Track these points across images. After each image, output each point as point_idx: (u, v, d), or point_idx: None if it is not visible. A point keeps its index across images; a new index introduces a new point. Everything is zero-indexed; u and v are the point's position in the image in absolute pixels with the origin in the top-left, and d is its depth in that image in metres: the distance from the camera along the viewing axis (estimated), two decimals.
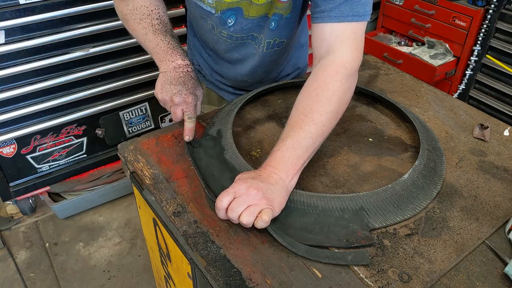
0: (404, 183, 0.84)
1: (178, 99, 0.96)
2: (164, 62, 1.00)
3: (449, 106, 1.17)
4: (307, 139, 0.80)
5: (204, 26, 1.11)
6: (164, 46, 1.01)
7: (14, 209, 2.20)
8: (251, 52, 1.13)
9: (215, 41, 1.12)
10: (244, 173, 0.80)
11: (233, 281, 0.70)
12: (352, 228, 0.77)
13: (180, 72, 0.99)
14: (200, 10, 1.05)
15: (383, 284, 0.70)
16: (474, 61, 2.33)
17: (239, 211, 0.73)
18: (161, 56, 1.01)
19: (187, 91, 0.97)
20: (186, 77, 0.99)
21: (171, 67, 0.99)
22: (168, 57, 1.00)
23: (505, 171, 0.94)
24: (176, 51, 1.01)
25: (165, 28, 1.03)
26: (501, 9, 2.16)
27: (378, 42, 2.61)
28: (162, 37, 1.01)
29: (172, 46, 1.01)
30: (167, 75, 0.99)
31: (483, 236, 0.78)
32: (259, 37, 1.08)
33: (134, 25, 1.04)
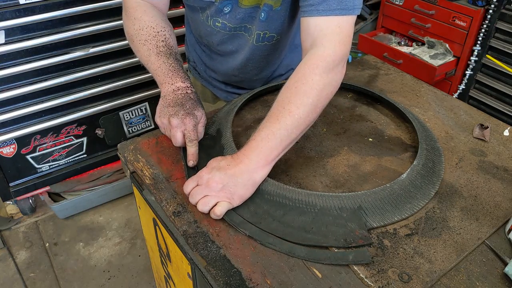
0: (402, 182, 0.84)
1: (175, 121, 0.91)
2: (164, 85, 0.98)
3: (449, 106, 1.17)
4: (282, 131, 0.81)
5: (198, 19, 1.10)
6: (165, 68, 0.98)
7: (14, 209, 2.20)
8: (243, 44, 1.12)
9: (209, 33, 1.12)
10: (215, 159, 0.84)
11: (233, 281, 0.70)
12: (350, 227, 0.77)
13: (179, 94, 0.96)
14: (199, 2, 1.05)
15: (383, 284, 0.70)
16: (474, 61, 2.33)
17: (196, 199, 0.80)
18: (161, 78, 0.98)
19: (184, 112, 0.92)
20: (184, 98, 0.95)
21: (170, 90, 0.97)
22: (167, 79, 0.97)
23: (505, 171, 0.94)
24: (176, 74, 0.99)
25: (169, 51, 1.01)
26: (501, 9, 2.16)
27: (378, 42, 2.61)
28: (165, 59, 0.99)
29: (173, 68, 0.99)
30: (166, 99, 0.96)
31: (483, 236, 0.78)
32: (251, 28, 1.07)
33: (138, 46, 1.02)
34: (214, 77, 1.31)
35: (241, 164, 0.79)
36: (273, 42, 1.11)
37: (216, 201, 0.78)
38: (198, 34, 1.20)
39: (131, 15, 1.03)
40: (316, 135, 1.03)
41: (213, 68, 1.27)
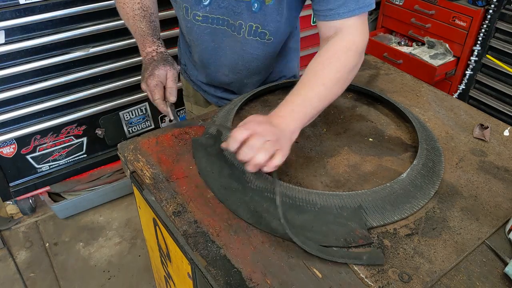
0: (402, 182, 0.84)
1: (142, 85, 1.05)
2: (140, 51, 1.07)
3: (449, 106, 1.17)
4: (315, 99, 0.86)
5: (180, 15, 1.09)
6: (138, 34, 1.07)
7: (14, 209, 2.20)
8: (229, 41, 1.07)
9: (189, 30, 1.09)
10: (254, 116, 0.83)
11: (233, 281, 0.70)
12: (350, 226, 0.77)
13: (147, 60, 1.05)
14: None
15: (383, 284, 0.69)
16: (474, 61, 2.33)
17: (256, 146, 0.74)
18: (138, 44, 1.08)
19: (147, 74, 1.02)
20: (149, 62, 1.04)
21: (143, 55, 1.06)
22: (140, 46, 1.07)
23: (506, 171, 0.94)
24: (145, 39, 1.06)
25: (143, 14, 1.08)
26: (501, 9, 2.16)
27: (378, 42, 2.61)
28: (139, 23, 1.07)
29: (144, 33, 1.06)
30: (143, 64, 1.06)
31: (483, 236, 0.78)
32: (236, 24, 1.03)
33: (119, 8, 1.11)
34: (203, 81, 1.28)
35: (282, 123, 0.81)
36: (265, 41, 1.07)
37: (276, 148, 0.76)
38: (183, 34, 1.19)
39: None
40: (316, 135, 1.03)
41: (203, 70, 1.23)
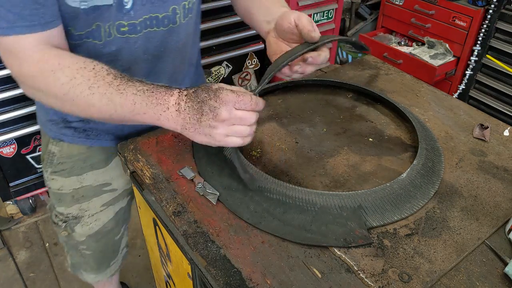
0: (402, 182, 0.84)
1: (224, 113, 0.71)
2: (159, 106, 0.73)
3: (449, 106, 1.17)
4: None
5: (92, 47, 0.84)
6: (143, 92, 0.74)
7: (14, 209, 2.20)
8: (166, 42, 0.91)
9: (118, 52, 0.86)
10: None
11: (233, 281, 0.70)
12: (350, 226, 0.77)
13: (186, 97, 0.73)
14: (90, 16, 0.78)
15: (383, 284, 0.70)
16: (474, 61, 2.33)
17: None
18: (150, 101, 0.73)
19: (214, 95, 0.72)
20: (196, 93, 0.73)
21: (175, 102, 0.73)
22: (158, 97, 0.74)
23: (505, 171, 0.95)
24: (159, 87, 0.75)
25: (123, 75, 0.76)
26: (501, 9, 2.16)
27: (378, 42, 2.61)
28: (132, 86, 0.74)
29: (152, 86, 0.75)
30: (183, 113, 0.73)
31: (483, 236, 0.78)
32: (169, 12, 0.87)
33: (85, 98, 0.73)
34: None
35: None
36: (192, 16, 0.94)
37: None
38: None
39: (45, 69, 0.74)
40: (316, 135, 1.03)
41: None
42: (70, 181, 1.09)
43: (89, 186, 1.11)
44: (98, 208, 1.16)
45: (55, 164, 1.07)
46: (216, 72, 2.11)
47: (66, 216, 1.15)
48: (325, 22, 2.32)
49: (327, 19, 2.32)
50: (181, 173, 0.91)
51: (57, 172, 1.08)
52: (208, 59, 2.01)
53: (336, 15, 2.36)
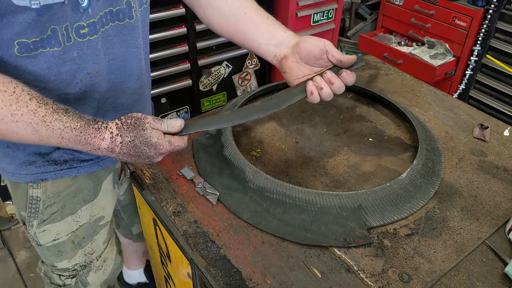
0: (402, 182, 0.84)
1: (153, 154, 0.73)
2: (94, 140, 0.70)
3: (449, 106, 1.17)
4: None
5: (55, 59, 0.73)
6: (71, 124, 0.68)
7: (14, 209, 2.20)
8: (125, 38, 0.82)
9: (79, 63, 0.76)
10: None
11: (233, 281, 0.70)
12: (350, 226, 0.77)
13: (118, 149, 0.71)
14: (43, 18, 0.67)
15: (383, 284, 0.69)
16: (474, 61, 2.32)
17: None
18: (80, 137, 0.69)
19: (143, 138, 0.71)
20: (126, 147, 0.71)
21: (108, 141, 0.70)
22: (89, 133, 0.69)
23: (505, 171, 0.94)
24: (88, 128, 0.69)
25: (44, 101, 0.67)
26: (501, 9, 2.15)
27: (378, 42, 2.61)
28: (59, 122, 0.67)
29: (79, 124, 0.69)
30: (121, 149, 0.71)
31: (483, 236, 0.78)
32: (123, 5, 0.79)
33: (6, 125, 0.65)
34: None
35: None
36: (147, 10, 0.88)
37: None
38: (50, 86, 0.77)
39: None
40: (316, 135, 1.03)
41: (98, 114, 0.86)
42: (65, 223, 0.94)
43: (87, 224, 0.98)
44: (101, 247, 1.05)
45: (43, 211, 0.90)
46: (216, 72, 2.11)
47: (73, 270, 1.02)
48: (325, 22, 2.32)
49: (327, 19, 2.32)
50: (181, 173, 0.91)
51: (48, 220, 0.92)
52: (208, 59, 2.01)
53: (336, 15, 2.36)
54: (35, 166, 0.86)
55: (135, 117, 0.73)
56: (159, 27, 1.79)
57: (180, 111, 2.19)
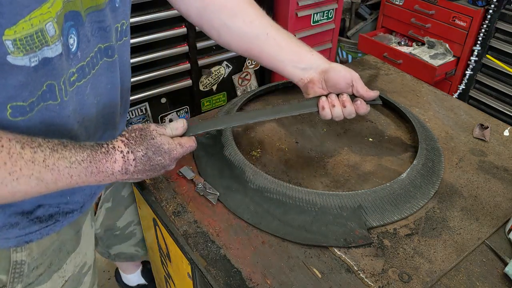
0: (402, 182, 0.84)
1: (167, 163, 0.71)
2: (103, 169, 0.64)
3: (449, 106, 1.17)
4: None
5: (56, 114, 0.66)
6: (80, 163, 0.61)
7: None
8: (109, 70, 0.75)
9: (72, 117, 0.68)
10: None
11: (233, 281, 0.70)
12: (350, 226, 0.77)
13: (135, 164, 0.67)
14: (39, 74, 0.59)
15: (383, 284, 0.70)
16: (474, 61, 2.32)
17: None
18: (88, 177, 0.63)
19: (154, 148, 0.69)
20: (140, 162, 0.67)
21: (120, 168, 0.65)
22: (96, 160, 0.63)
23: (505, 171, 0.94)
24: (97, 154, 0.64)
25: (38, 144, 0.59)
26: (501, 9, 2.15)
27: (378, 42, 2.61)
28: (64, 160, 0.60)
29: (86, 154, 0.63)
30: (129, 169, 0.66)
31: (483, 236, 0.78)
32: (111, 45, 0.72)
33: (7, 187, 0.56)
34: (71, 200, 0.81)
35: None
36: (127, 39, 0.81)
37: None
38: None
39: None
40: (316, 135, 1.03)
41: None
42: (52, 282, 0.84)
43: (72, 276, 0.89)
44: None
45: (28, 274, 0.80)
46: (216, 72, 2.11)
47: None
48: (325, 22, 2.32)
49: (327, 19, 2.32)
50: (181, 173, 0.91)
51: (35, 282, 0.82)
52: (208, 59, 2.01)
53: (336, 15, 2.36)
54: (19, 228, 0.74)
55: (138, 128, 0.69)
56: (159, 27, 1.79)
57: (180, 111, 2.19)
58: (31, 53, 0.56)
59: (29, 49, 0.55)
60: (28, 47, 0.55)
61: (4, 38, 0.52)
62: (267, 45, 0.84)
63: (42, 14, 0.54)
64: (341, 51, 2.95)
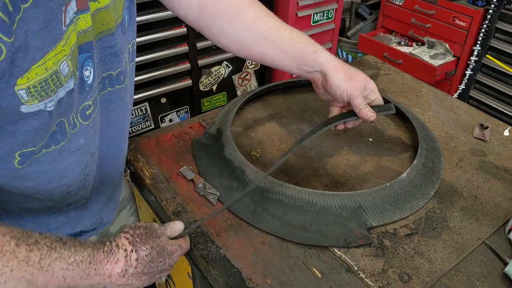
0: (402, 182, 0.84)
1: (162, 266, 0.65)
2: (105, 265, 0.58)
3: (449, 106, 1.17)
4: None
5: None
6: (79, 265, 0.55)
7: None
8: (118, 95, 0.71)
9: (83, 150, 0.65)
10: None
11: (233, 281, 0.70)
12: (350, 226, 0.77)
13: (136, 264, 0.61)
14: (53, 116, 0.55)
15: (383, 284, 0.69)
16: (474, 61, 2.33)
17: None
18: (83, 279, 0.56)
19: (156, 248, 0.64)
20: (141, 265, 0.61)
21: (120, 270, 0.59)
22: (99, 268, 0.57)
23: (505, 171, 0.94)
24: (99, 254, 0.58)
25: (34, 241, 0.52)
26: (501, 9, 2.15)
27: (378, 42, 2.61)
28: (61, 261, 0.53)
29: (87, 253, 0.56)
30: (127, 273, 0.60)
31: (483, 236, 0.78)
32: (118, 56, 0.67)
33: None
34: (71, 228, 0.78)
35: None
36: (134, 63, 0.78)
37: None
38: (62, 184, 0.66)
39: None
40: (316, 135, 1.03)
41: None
42: None
43: None
44: None
45: None
46: (216, 72, 2.11)
47: None
48: (325, 22, 2.32)
49: (327, 19, 2.32)
50: (181, 173, 0.91)
51: None
52: (208, 59, 2.01)
53: (336, 15, 2.36)
54: None
55: (143, 226, 0.64)
56: (159, 27, 1.79)
57: (180, 111, 2.19)
58: (47, 99, 0.51)
59: (44, 95, 0.50)
60: (43, 92, 0.50)
61: (17, 88, 0.47)
62: (268, 50, 0.81)
63: (56, 55, 0.50)
64: (341, 51, 2.95)
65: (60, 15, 0.49)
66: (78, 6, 0.53)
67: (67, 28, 0.51)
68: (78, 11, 0.53)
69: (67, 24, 0.51)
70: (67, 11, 0.51)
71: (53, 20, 0.48)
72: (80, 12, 0.54)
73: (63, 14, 0.50)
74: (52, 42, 0.49)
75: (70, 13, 0.51)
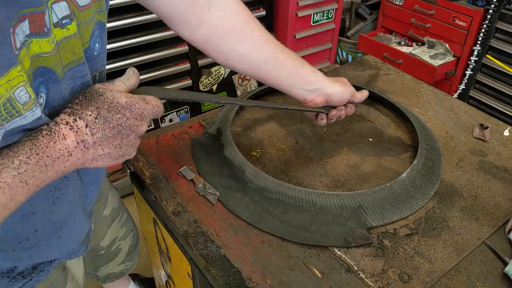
0: (402, 182, 0.84)
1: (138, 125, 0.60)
2: (54, 146, 0.52)
3: (449, 106, 1.17)
4: None
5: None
6: (28, 163, 0.49)
7: None
8: None
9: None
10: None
11: (233, 281, 0.70)
12: (350, 226, 0.77)
13: (92, 131, 0.54)
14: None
15: (383, 284, 0.69)
16: (474, 61, 2.33)
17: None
18: (44, 173, 0.51)
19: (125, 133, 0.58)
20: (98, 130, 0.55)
21: (76, 143, 0.54)
22: (51, 153, 0.51)
23: (505, 171, 0.94)
24: (40, 141, 0.51)
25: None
26: (501, 9, 2.15)
27: (378, 42, 2.61)
28: (9, 170, 0.48)
29: (28, 147, 0.50)
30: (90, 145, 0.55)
31: (483, 236, 0.78)
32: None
33: None
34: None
35: None
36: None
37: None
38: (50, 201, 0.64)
39: None
40: (316, 135, 1.03)
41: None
42: None
43: None
44: None
45: None
46: (216, 72, 2.11)
47: None
48: (325, 22, 2.32)
49: (327, 19, 2.32)
50: (181, 173, 0.91)
51: None
52: (208, 59, 2.01)
53: (336, 15, 2.36)
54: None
55: (81, 93, 0.56)
56: (159, 27, 1.79)
57: (180, 111, 2.19)
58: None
59: None
60: None
61: None
62: (276, 70, 0.83)
63: (9, 81, 0.45)
64: (341, 51, 2.95)
65: (9, 38, 0.45)
66: (32, 29, 0.49)
67: (18, 51, 0.47)
68: (31, 34, 0.49)
69: (18, 47, 0.46)
70: (15, 33, 0.46)
71: (5, 43, 0.44)
72: (34, 36, 0.49)
73: (12, 36, 0.45)
74: (4, 66, 0.45)
75: (19, 35, 0.47)
